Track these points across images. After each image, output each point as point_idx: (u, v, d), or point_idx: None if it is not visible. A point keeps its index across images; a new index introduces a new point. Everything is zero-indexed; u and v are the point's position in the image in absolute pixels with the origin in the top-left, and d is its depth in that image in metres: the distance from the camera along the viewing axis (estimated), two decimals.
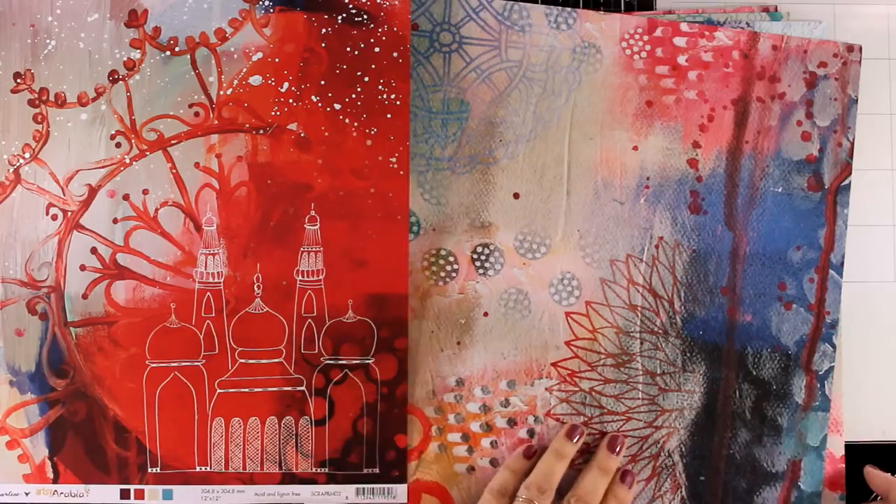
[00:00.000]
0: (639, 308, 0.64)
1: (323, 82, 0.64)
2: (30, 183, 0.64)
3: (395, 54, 0.64)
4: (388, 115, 0.64)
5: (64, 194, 0.64)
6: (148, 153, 0.64)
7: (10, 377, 0.63)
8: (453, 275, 0.64)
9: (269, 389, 0.63)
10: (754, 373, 0.63)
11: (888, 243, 0.67)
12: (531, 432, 0.64)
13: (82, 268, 0.63)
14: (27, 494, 0.63)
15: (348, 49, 0.64)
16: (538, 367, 0.64)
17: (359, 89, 0.64)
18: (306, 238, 0.63)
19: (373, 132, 0.64)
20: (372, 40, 0.64)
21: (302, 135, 0.64)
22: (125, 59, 0.64)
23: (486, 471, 0.63)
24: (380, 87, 0.64)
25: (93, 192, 0.64)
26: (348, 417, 0.63)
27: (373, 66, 0.64)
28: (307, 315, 0.63)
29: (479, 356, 0.64)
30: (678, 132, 0.64)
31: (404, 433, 0.63)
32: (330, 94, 0.64)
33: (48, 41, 0.64)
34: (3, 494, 0.63)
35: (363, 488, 0.63)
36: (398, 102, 0.64)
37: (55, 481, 0.63)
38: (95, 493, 0.63)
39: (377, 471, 0.63)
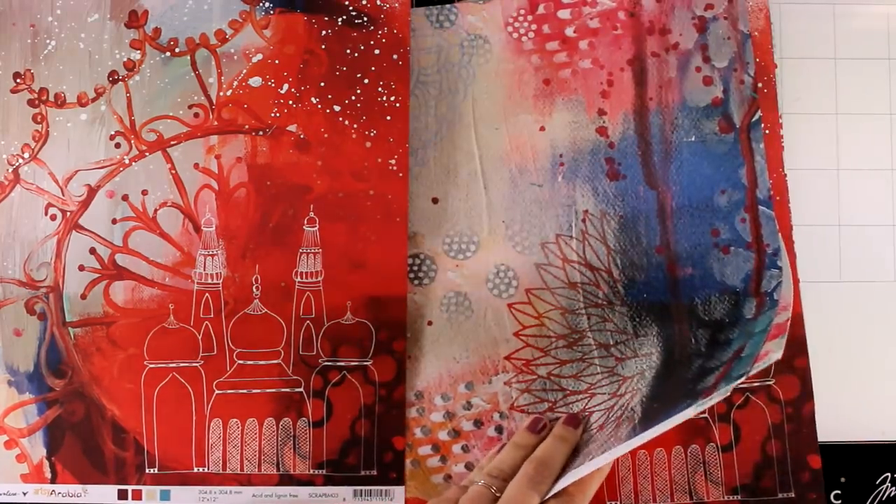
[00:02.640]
0: (579, 285, 0.63)
1: (323, 84, 0.64)
2: (29, 183, 0.64)
3: (394, 56, 0.64)
4: (388, 118, 0.64)
5: (63, 194, 0.64)
6: (147, 154, 0.64)
7: (8, 377, 0.63)
8: None
9: (268, 391, 0.63)
10: (706, 318, 0.63)
11: (888, 243, 0.67)
12: (499, 429, 0.63)
13: (81, 268, 0.64)
14: (25, 494, 0.63)
15: (348, 51, 0.64)
16: (493, 364, 0.64)
17: (358, 91, 0.64)
18: (305, 239, 0.63)
19: (372, 134, 0.64)
20: (372, 42, 0.64)
21: (301, 136, 0.64)
22: (125, 59, 0.64)
23: (464, 476, 0.63)
24: (379, 88, 0.64)
25: (92, 192, 0.64)
26: (346, 419, 0.63)
27: (372, 69, 0.64)
28: (306, 316, 0.63)
29: (433, 365, 0.64)
30: (581, 104, 0.64)
31: (402, 435, 0.63)
32: (330, 96, 0.64)
33: (48, 41, 0.64)
34: (1, 494, 0.63)
35: (361, 490, 0.63)
36: (398, 104, 0.64)
37: (53, 481, 0.63)
38: (93, 494, 0.63)
39: (375, 473, 0.63)
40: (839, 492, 0.64)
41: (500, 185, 0.64)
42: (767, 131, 0.64)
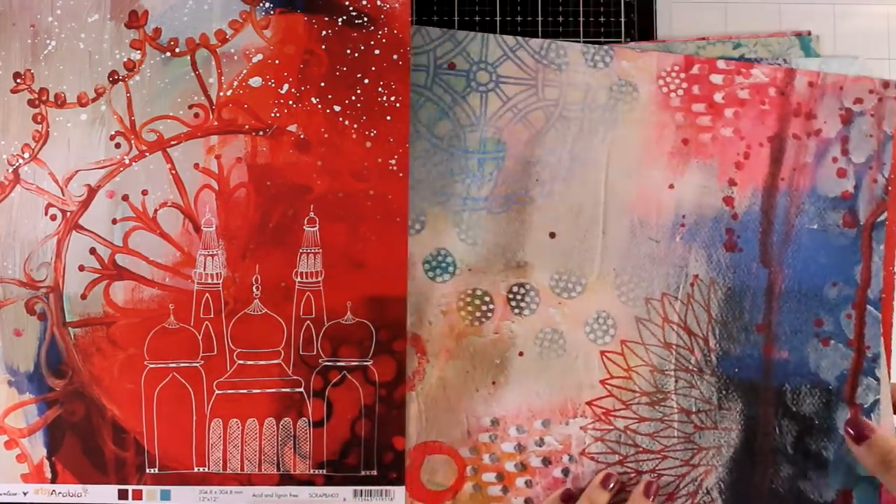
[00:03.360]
0: (673, 346, 0.63)
1: (323, 84, 0.64)
2: (29, 183, 0.64)
3: (395, 56, 0.64)
4: (388, 118, 0.64)
5: (63, 194, 0.64)
6: (147, 154, 0.64)
7: (8, 377, 0.63)
8: (489, 315, 0.64)
9: (268, 391, 0.63)
10: (794, 409, 0.63)
11: None
12: (566, 471, 0.63)
13: (81, 268, 0.64)
14: (25, 494, 0.63)
15: (348, 51, 0.64)
16: (573, 406, 0.63)
17: (359, 91, 0.64)
18: (305, 240, 0.64)
19: (372, 134, 0.64)
20: (372, 42, 0.64)
21: (301, 136, 0.64)
22: (125, 59, 0.64)
23: None
24: (380, 89, 0.64)
25: (92, 192, 0.64)
26: (346, 419, 0.63)
27: (373, 69, 0.64)
28: (306, 316, 0.63)
29: (514, 396, 0.63)
30: (714, 170, 0.64)
31: (402, 435, 0.63)
32: (330, 96, 0.64)
33: (48, 41, 0.64)
34: (1, 494, 0.63)
35: (361, 490, 0.63)
36: (398, 105, 0.64)
37: (53, 481, 0.63)
38: (94, 493, 0.63)
39: (375, 473, 0.63)
40: None
41: (618, 232, 0.64)
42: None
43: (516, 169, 0.64)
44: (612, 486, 0.61)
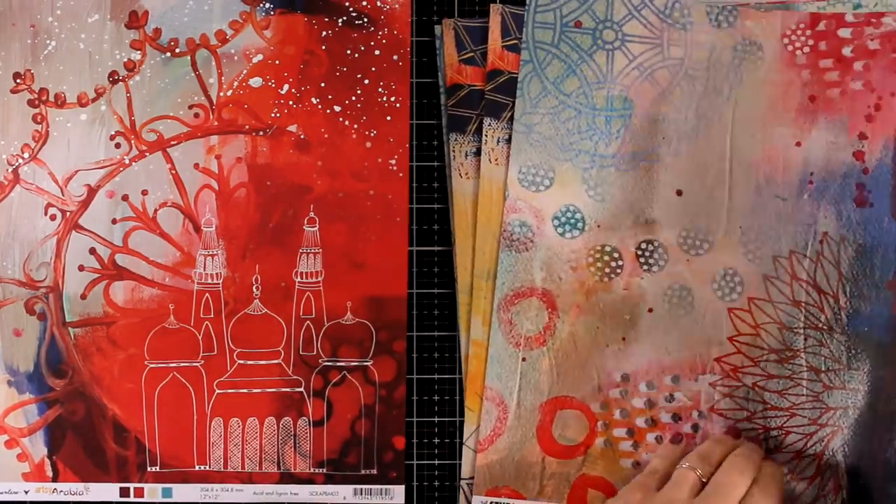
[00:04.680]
0: (802, 304, 0.63)
1: (323, 84, 0.64)
2: (28, 183, 0.64)
3: (395, 57, 0.64)
4: (388, 118, 0.64)
5: (63, 194, 0.64)
6: (147, 154, 0.64)
7: (8, 377, 0.63)
8: (618, 271, 0.64)
9: (268, 390, 0.64)
10: None
11: None
12: (695, 427, 0.63)
13: (81, 268, 0.64)
14: (27, 493, 0.64)
15: (348, 51, 0.64)
16: (702, 363, 0.63)
17: (359, 91, 0.64)
18: (305, 240, 0.64)
19: (372, 134, 0.64)
20: (372, 43, 0.64)
21: (301, 136, 0.64)
22: (125, 59, 0.64)
23: None
24: (380, 89, 0.64)
25: (92, 192, 0.64)
26: (346, 419, 0.63)
27: (373, 69, 0.64)
28: (306, 317, 0.64)
29: (644, 352, 0.64)
30: (843, 125, 0.63)
31: (402, 435, 0.64)
32: (330, 97, 0.64)
33: (48, 41, 0.64)
34: (2, 493, 0.63)
35: (361, 489, 0.63)
36: (398, 105, 0.64)
37: (54, 480, 0.63)
38: (95, 491, 0.64)
39: (375, 472, 0.63)
40: None
41: (745, 190, 0.64)
42: None
43: (643, 126, 0.64)
44: (736, 436, 0.61)
